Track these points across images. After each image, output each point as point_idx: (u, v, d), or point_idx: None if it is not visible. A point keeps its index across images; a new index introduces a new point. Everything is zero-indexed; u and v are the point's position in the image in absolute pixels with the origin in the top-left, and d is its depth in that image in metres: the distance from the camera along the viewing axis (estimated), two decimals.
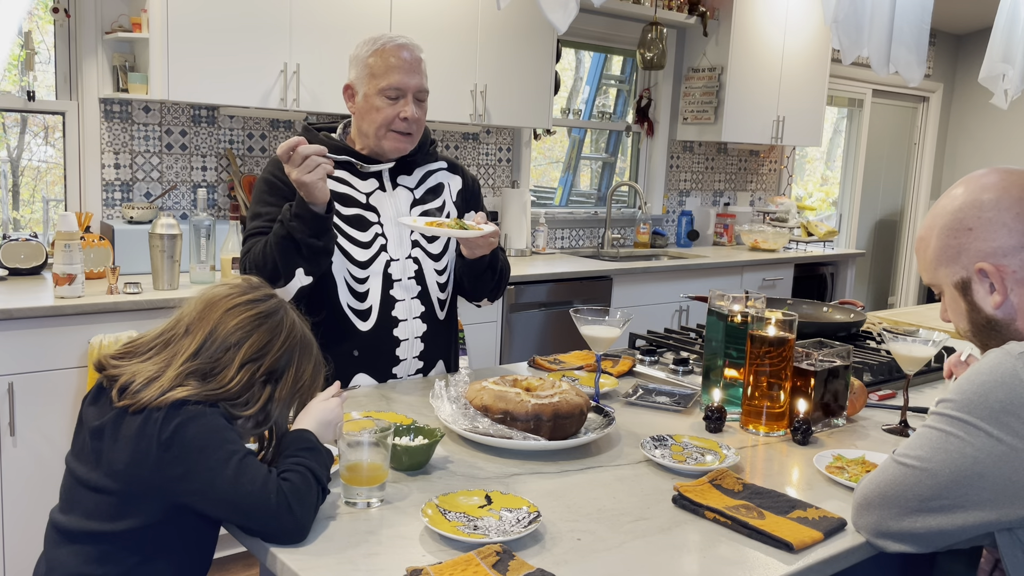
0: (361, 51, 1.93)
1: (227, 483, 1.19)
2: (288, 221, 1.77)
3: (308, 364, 1.37)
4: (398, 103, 1.90)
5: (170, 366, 1.26)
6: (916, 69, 3.31)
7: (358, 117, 1.95)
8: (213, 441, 1.20)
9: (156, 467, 1.19)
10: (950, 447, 1.15)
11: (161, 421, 1.19)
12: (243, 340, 1.29)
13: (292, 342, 1.35)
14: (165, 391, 1.21)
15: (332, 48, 3.32)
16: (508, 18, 3.84)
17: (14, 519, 2.58)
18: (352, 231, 1.93)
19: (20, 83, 3.15)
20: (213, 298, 1.33)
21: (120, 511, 1.22)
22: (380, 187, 1.98)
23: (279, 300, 1.38)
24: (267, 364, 1.31)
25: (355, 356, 1.95)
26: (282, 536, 1.20)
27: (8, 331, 2.51)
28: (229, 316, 1.30)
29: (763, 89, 5.08)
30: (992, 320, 1.25)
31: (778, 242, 5.08)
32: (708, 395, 1.86)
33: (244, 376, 1.28)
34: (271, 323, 1.33)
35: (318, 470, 1.27)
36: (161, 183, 3.41)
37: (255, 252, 1.84)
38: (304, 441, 1.32)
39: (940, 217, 1.29)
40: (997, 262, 1.22)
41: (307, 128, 2.02)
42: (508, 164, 4.52)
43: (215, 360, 1.27)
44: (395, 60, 1.89)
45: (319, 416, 1.40)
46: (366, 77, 1.91)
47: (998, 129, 6.80)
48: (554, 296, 3.84)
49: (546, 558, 1.18)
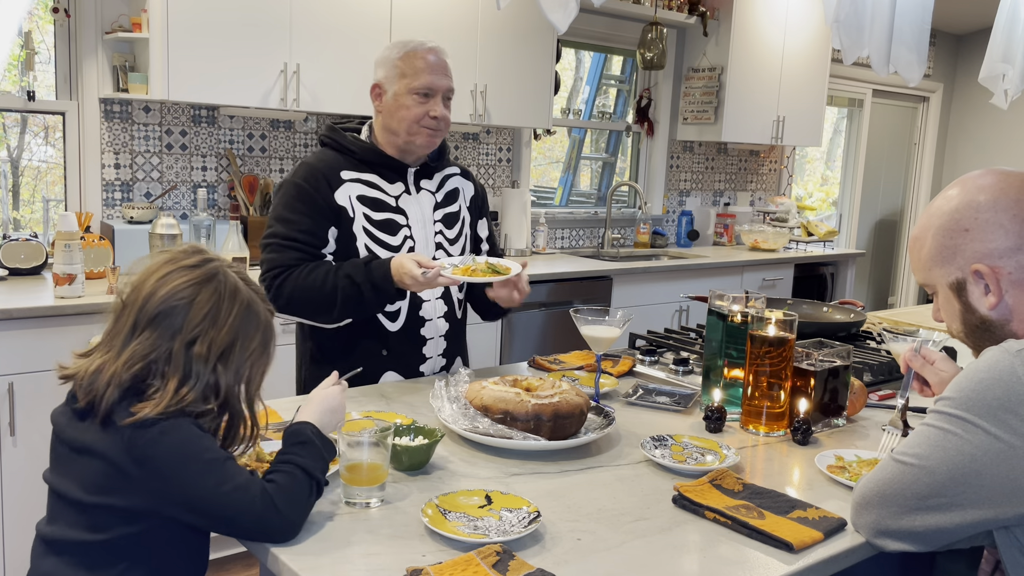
0: (391, 53, 1.97)
1: (209, 493, 1.16)
2: (367, 290, 1.83)
3: (256, 331, 1.28)
4: (428, 102, 1.95)
5: (111, 350, 1.22)
6: (916, 69, 3.31)
7: (386, 115, 1.98)
8: (189, 452, 1.17)
9: (134, 484, 1.17)
10: (948, 445, 1.15)
11: (132, 439, 1.15)
12: (183, 310, 1.22)
13: (237, 307, 1.25)
14: (116, 386, 1.17)
15: (332, 48, 3.32)
16: (508, 18, 3.84)
17: (14, 519, 2.58)
18: (383, 235, 1.97)
19: (20, 83, 3.15)
20: (147, 269, 1.25)
21: (102, 523, 1.20)
22: (407, 190, 2.02)
23: (217, 262, 1.28)
24: (211, 336, 1.22)
25: (384, 355, 1.99)
26: (271, 538, 1.19)
27: (8, 331, 2.51)
28: (162, 284, 1.23)
29: (763, 89, 5.08)
30: (986, 321, 1.25)
31: (778, 242, 5.08)
32: (708, 395, 1.86)
33: (191, 356, 1.21)
34: (209, 289, 1.24)
35: (309, 465, 1.25)
36: (161, 183, 3.41)
37: (307, 280, 1.86)
38: (295, 436, 1.30)
39: (936, 217, 1.28)
40: (993, 263, 1.22)
41: (333, 128, 2.04)
42: (508, 164, 4.52)
43: (155, 346, 1.21)
44: (425, 62, 1.95)
45: (320, 405, 1.38)
46: (396, 77, 1.95)
47: (998, 129, 6.80)
48: (554, 296, 3.84)
49: (546, 558, 1.18)
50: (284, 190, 1.96)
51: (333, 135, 2.02)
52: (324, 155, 1.99)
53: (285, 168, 3.71)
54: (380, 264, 1.85)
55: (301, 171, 1.96)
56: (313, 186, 1.92)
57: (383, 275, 1.83)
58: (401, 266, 1.81)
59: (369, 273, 1.84)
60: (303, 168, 1.97)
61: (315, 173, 1.94)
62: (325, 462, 1.30)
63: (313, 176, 1.93)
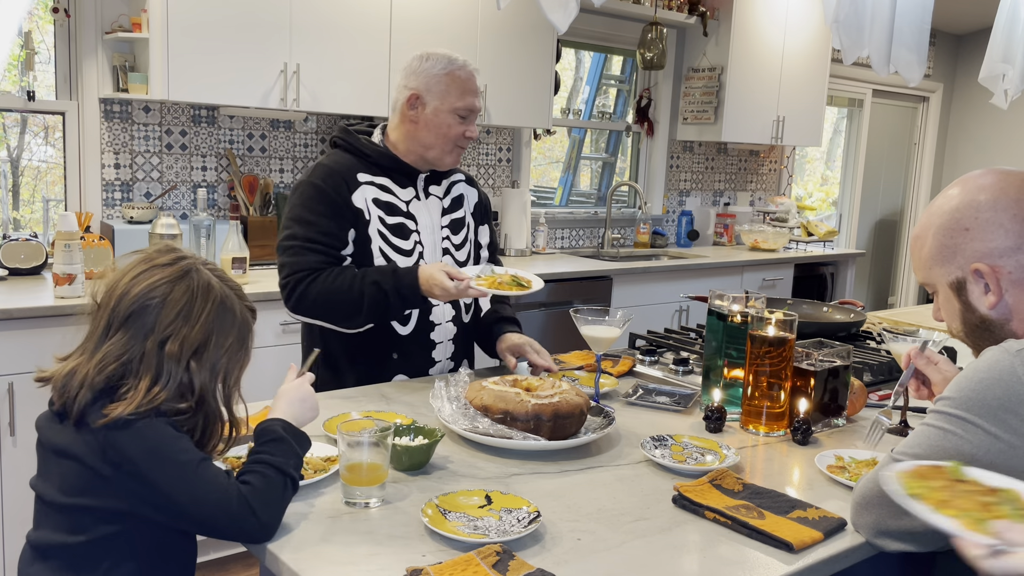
0: (433, 67, 1.97)
1: (184, 496, 1.16)
2: (394, 297, 1.85)
3: (231, 328, 1.27)
4: (466, 122, 1.98)
5: (85, 352, 1.22)
6: (916, 69, 3.32)
7: (420, 127, 1.98)
8: (164, 453, 1.16)
9: (110, 485, 1.17)
10: (948, 444, 1.15)
11: (106, 440, 1.15)
12: (155, 309, 1.21)
13: (211, 304, 1.24)
14: (88, 388, 1.17)
15: (332, 48, 3.32)
16: (508, 18, 3.84)
17: (14, 519, 2.58)
18: (396, 240, 1.98)
19: (20, 83, 3.15)
20: (120, 271, 1.24)
21: (82, 524, 1.19)
22: (416, 195, 2.03)
23: (190, 260, 1.27)
24: (183, 334, 1.22)
25: (395, 359, 2.00)
26: (248, 538, 1.19)
27: (8, 331, 2.51)
28: (135, 283, 1.22)
29: (763, 89, 5.08)
30: (986, 320, 1.25)
31: (778, 242, 5.08)
32: (708, 395, 1.86)
33: (163, 355, 1.20)
34: (182, 287, 1.23)
35: (280, 462, 1.24)
36: (161, 183, 3.41)
37: (333, 284, 1.86)
38: (266, 433, 1.28)
39: (936, 216, 1.29)
40: (993, 263, 1.22)
41: (347, 131, 2.04)
42: (508, 164, 4.52)
43: (128, 347, 1.20)
44: (472, 85, 1.99)
45: (288, 398, 1.36)
46: (441, 93, 1.96)
47: (998, 129, 6.80)
48: (554, 296, 3.84)
49: (546, 558, 1.18)
50: (302, 191, 1.95)
51: (347, 137, 2.02)
52: (339, 157, 1.99)
53: (285, 168, 3.71)
54: (408, 272, 1.87)
55: (319, 172, 1.95)
56: (332, 187, 1.92)
57: (410, 283, 1.86)
58: (432, 276, 1.84)
59: (397, 280, 1.86)
60: (320, 169, 1.96)
61: (333, 174, 1.94)
62: (298, 457, 1.28)
63: (331, 177, 1.93)
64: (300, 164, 3.74)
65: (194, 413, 1.25)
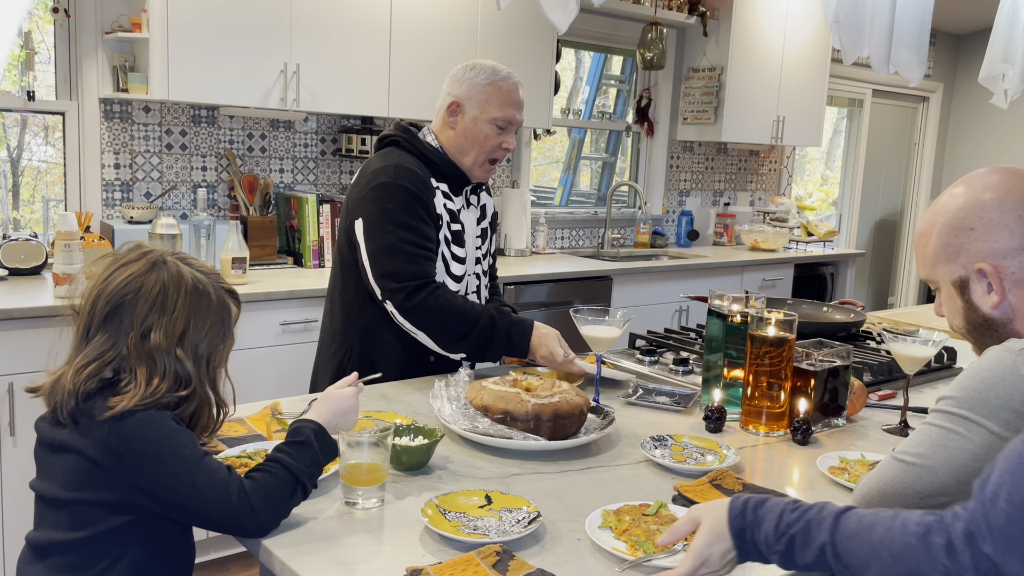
0: (476, 76, 1.98)
1: (185, 488, 1.17)
2: (502, 337, 1.90)
3: (207, 312, 1.28)
4: (504, 133, 1.99)
5: (70, 360, 1.23)
6: (916, 69, 3.32)
7: (459, 134, 1.99)
8: (167, 446, 1.18)
9: (111, 477, 1.18)
10: (950, 444, 1.15)
11: (110, 431, 1.17)
12: (131, 304, 1.23)
13: (184, 291, 1.25)
14: (74, 390, 1.19)
15: (332, 48, 3.32)
16: (508, 18, 3.84)
17: (14, 519, 2.58)
18: (455, 247, 2.00)
19: (20, 83, 3.15)
20: (93, 276, 1.27)
21: (82, 519, 1.20)
22: (465, 203, 2.06)
23: (157, 252, 1.28)
24: (163, 324, 1.23)
25: (431, 362, 2.02)
26: (242, 533, 1.20)
27: (8, 331, 2.51)
28: (107, 283, 1.24)
29: (763, 89, 5.08)
30: (989, 319, 1.25)
31: (778, 242, 5.08)
32: (708, 395, 1.86)
33: (150, 347, 1.22)
34: (152, 278, 1.24)
35: (296, 467, 1.24)
36: (161, 183, 3.41)
37: (455, 302, 1.89)
38: (295, 434, 1.29)
39: (941, 215, 1.28)
40: (996, 263, 1.22)
41: (411, 132, 2.02)
42: (508, 164, 4.52)
43: (112, 344, 1.22)
44: (514, 96, 2.00)
45: (331, 405, 1.37)
46: (481, 102, 1.97)
47: (998, 129, 6.80)
48: (554, 296, 3.84)
49: (546, 558, 1.18)
50: (396, 194, 1.90)
51: (412, 139, 2.00)
52: (409, 160, 1.97)
53: (285, 168, 3.71)
54: (524, 321, 1.93)
55: (405, 175, 1.92)
56: (424, 192, 1.93)
57: (523, 331, 1.91)
58: (547, 336, 1.91)
59: (511, 324, 1.90)
60: (405, 173, 1.92)
61: (419, 179, 1.93)
62: (319, 465, 1.28)
63: (420, 181, 1.93)
64: (300, 164, 3.74)
65: (188, 400, 1.27)
